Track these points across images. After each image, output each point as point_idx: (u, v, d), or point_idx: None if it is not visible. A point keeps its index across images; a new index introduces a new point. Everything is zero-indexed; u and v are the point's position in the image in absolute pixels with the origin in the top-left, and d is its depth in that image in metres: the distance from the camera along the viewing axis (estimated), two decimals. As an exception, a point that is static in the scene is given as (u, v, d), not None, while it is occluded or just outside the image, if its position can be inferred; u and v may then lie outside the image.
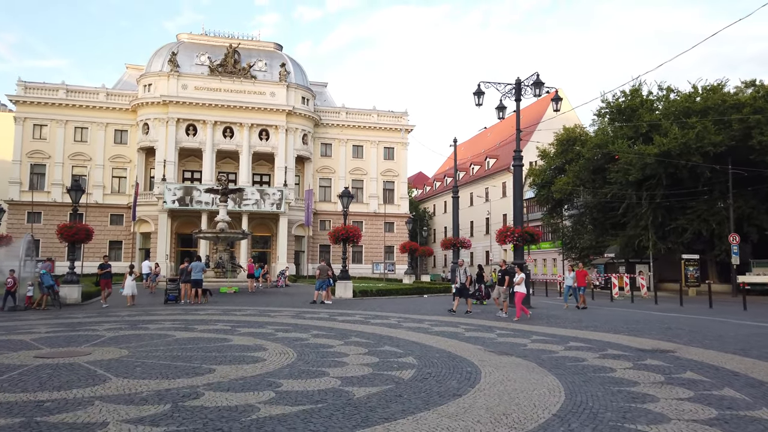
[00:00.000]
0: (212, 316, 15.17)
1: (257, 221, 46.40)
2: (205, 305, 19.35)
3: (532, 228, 20.32)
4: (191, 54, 48.00)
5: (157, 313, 16.04)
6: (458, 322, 14.63)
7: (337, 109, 52.99)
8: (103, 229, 46.39)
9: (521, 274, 16.07)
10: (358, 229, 24.10)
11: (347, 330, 12.60)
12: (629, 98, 39.09)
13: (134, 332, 11.66)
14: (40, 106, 45.99)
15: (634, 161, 35.14)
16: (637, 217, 37.82)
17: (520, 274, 16.10)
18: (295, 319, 14.91)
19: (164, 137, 45.48)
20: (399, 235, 52.35)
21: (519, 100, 20.70)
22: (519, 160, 20.58)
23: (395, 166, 53.40)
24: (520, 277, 15.95)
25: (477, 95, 20.62)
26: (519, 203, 20.29)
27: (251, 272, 27.60)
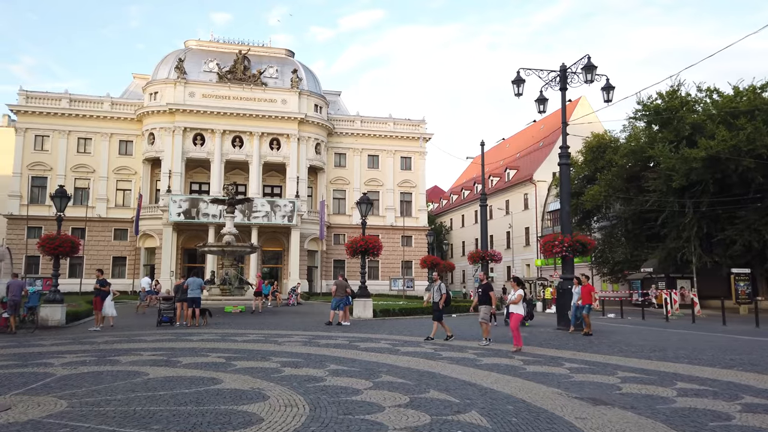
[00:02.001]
0: (206, 344, 12.42)
1: (268, 235, 43.81)
2: (202, 328, 16.63)
3: (584, 237, 17.38)
4: (199, 61, 45.91)
5: (142, 339, 13.32)
6: (504, 351, 11.76)
7: (351, 118, 50.54)
8: (106, 245, 44.12)
9: (519, 290, 12.84)
10: (378, 240, 21.35)
11: (374, 363, 9.80)
12: (667, 100, 36.13)
13: (97, 368, 8.94)
14: (42, 116, 43.99)
15: (677, 166, 32.15)
16: (680, 228, 34.69)
17: (517, 290, 12.90)
18: (307, 347, 12.13)
19: (170, 147, 43.21)
20: (417, 249, 49.47)
21: (564, 89, 17.96)
22: (566, 157, 17.79)
23: (413, 177, 50.67)
24: (517, 294, 12.67)
25: (516, 83, 17.91)
26: (567, 207, 17.45)
27: (259, 289, 24.57)
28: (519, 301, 12.59)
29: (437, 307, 14.20)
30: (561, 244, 16.73)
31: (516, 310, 12.50)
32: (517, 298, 12.61)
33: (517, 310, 12.49)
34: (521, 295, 12.75)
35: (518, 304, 12.56)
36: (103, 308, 16.43)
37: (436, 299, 14.29)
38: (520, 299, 12.61)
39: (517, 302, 12.57)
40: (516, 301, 12.61)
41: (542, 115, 18.93)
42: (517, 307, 12.51)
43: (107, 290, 16.70)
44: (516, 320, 12.46)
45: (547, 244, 17.07)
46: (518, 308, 12.51)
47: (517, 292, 12.82)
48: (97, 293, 16.79)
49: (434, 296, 14.39)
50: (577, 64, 17.47)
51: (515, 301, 12.60)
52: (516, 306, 12.55)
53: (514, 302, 12.61)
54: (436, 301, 14.27)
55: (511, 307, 12.73)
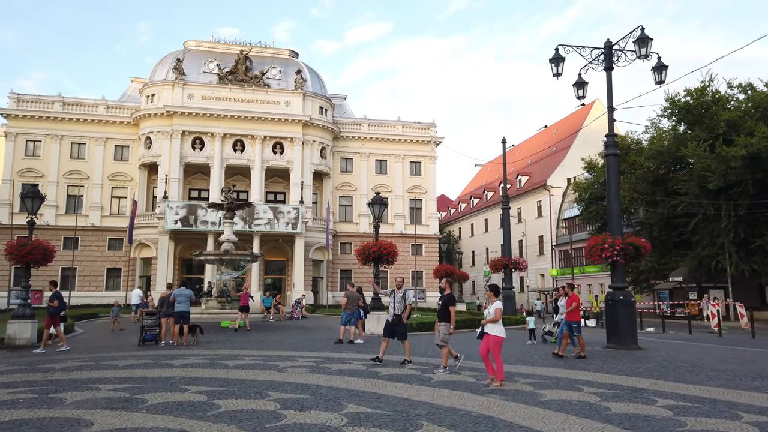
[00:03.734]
0: (189, 371, 9.95)
1: (270, 244, 41.38)
2: (191, 348, 14.15)
3: (637, 238, 14.88)
4: (199, 61, 43.78)
5: (112, 365, 10.86)
6: (550, 379, 9.24)
7: (358, 121, 48.23)
8: (100, 255, 41.78)
9: (497, 303, 9.07)
10: (393, 246, 18.87)
11: (405, 402, 7.32)
12: (696, 97, 33.64)
13: (25, 414, 6.49)
14: (34, 121, 41.86)
15: (713, 166, 29.67)
16: (713, 234, 32.13)
17: (495, 301, 9.13)
18: (315, 374, 9.64)
19: (168, 152, 40.95)
20: (428, 258, 46.95)
21: (610, 68, 15.56)
22: (614, 146, 15.32)
23: (423, 182, 48.24)
24: (495, 308, 8.94)
25: (554, 62, 15.52)
26: (616, 205, 14.95)
27: (244, 303, 20.99)
28: (499, 318, 8.93)
29: (400, 320, 11.26)
30: (612, 247, 14.22)
31: (495, 332, 8.83)
32: (497, 314, 8.87)
33: (497, 332, 8.83)
34: (500, 309, 8.97)
35: (498, 323, 8.92)
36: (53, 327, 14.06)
37: (399, 311, 11.33)
38: (500, 316, 8.93)
39: (496, 320, 8.89)
40: (495, 318, 8.88)
41: (581, 101, 16.46)
42: (496, 327, 8.86)
43: (56, 305, 14.17)
44: (497, 345, 8.79)
45: (594, 248, 14.56)
46: (497, 329, 8.86)
47: (494, 305, 9.03)
48: (50, 310, 14.25)
49: (396, 307, 11.38)
50: (626, 39, 15.06)
51: (494, 319, 8.90)
52: (494, 326, 8.88)
53: (493, 320, 8.91)
54: (399, 313, 11.30)
55: (489, 326, 8.94)
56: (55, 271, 40.65)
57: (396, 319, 11.32)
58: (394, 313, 11.36)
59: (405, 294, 11.56)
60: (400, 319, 11.31)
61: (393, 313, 11.38)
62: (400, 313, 11.34)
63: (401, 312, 11.35)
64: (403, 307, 11.38)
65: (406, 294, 11.60)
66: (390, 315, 11.50)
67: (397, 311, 11.36)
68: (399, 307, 11.39)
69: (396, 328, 11.29)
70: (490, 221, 65.70)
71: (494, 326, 8.92)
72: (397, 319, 11.32)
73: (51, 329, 14.51)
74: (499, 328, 8.93)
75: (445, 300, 10.35)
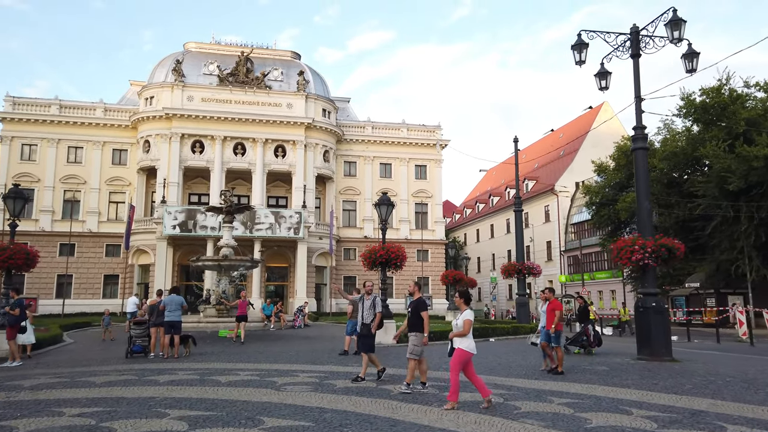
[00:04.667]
0: (174, 389, 8.71)
1: (272, 250, 40.16)
2: (183, 360, 12.92)
3: (671, 239, 13.61)
4: (198, 63, 42.75)
5: (88, 382, 9.62)
6: (616, 400, 7.98)
7: (362, 124, 47.10)
8: (97, 262, 40.63)
9: (466, 312, 7.62)
10: (402, 249, 17.63)
11: (426, 430, 6.08)
12: (713, 96, 32.37)
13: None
14: (30, 124, 40.84)
15: (733, 167, 28.41)
16: (733, 237, 30.83)
17: (464, 311, 7.68)
18: (317, 394, 8.40)
19: (167, 155, 39.86)
20: (434, 264, 45.68)
21: (638, 55, 14.35)
22: (643, 140, 14.09)
23: (428, 186, 47.02)
24: (464, 319, 7.53)
25: (577, 49, 14.33)
26: (646, 204, 13.71)
27: (242, 312, 18.89)
28: (469, 330, 7.48)
29: (368, 331, 9.93)
30: (642, 249, 12.96)
31: (463, 345, 7.41)
32: (465, 327, 7.45)
33: (465, 345, 7.42)
34: (470, 321, 7.55)
35: (468, 335, 7.48)
36: (17, 337, 12.81)
37: (368, 320, 9.97)
38: (469, 327, 7.48)
39: (465, 333, 7.45)
40: (464, 331, 7.44)
41: (600, 90, 15.24)
42: (466, 341, 7.46)
43: (17, 314, 12.88)
44: (459, 359, 7.35)
45: (623, 250, 13.29)
46: (466, 342, 7.46)
47: (463, 315, 7.59)
48: (9, 319, 12.90)
49: (364, 315, 10.02)
50: (655, 23, 13.85)
51: (462, 332, 7.46)
52: (463, 339, 7.46)
53: (461, 333, 7.48)
54: (368, 323, 9.96)
55: (456, 339, 7.52)
56: (51, 279, 39.66)
57: (364, 329, 9.98)
58: (363, 323, 10.02)
59: (375, 301, 10.22)
60: (368, 329, 9.96)
61: (361, 323, 10.05)
62: (369, 322, 10.00)
63: (370, 321, 10.01)
64: (373, 316, 10.04)
65: (376, 301, 10.24)
66: (358, 325, 10.18)
67: (366, 320, 10.02)
68: (368, 316, 10.07)
69: (363, 339, 9.96)
70: (497, 226, 64.42)
71: (464, 340, 7.54)
72: (365, 329, 9.97)
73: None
74: (467, 342, 7.52)
75: (415, 306, 8.94)
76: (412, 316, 8.92)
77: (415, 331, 8.81)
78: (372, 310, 10.11)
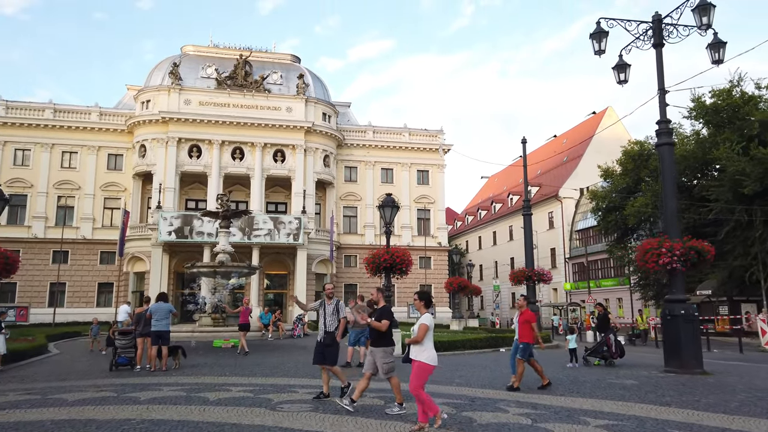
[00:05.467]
0: (153, 410, 7.66)
1: (271, 257, 39.10)
2: (171, 373, 11.84)
3: (700, 241, 12.59)
4: (196, 66, 41.88)
5: (60, 399, 8.57)
6: (661, 421, 6.94)
7: (362, 128, 46.17)
8: (91, 269, 39.54)
9: (425, 316, 6.64)
10: (408, 253, 16.62)
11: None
12: (724, 98, 31.48)
13: None
14: (23, 128, 39.86)
15: (748, 170, 27.44)
16: (747, 243, 29.80)
17: (423, 314, 6.71)
18: (317, 414, 7.34)
19: (163, 160, 38.86)
20: (437, 271, 44.61)
21: (660, 45, 13.41)
22: (669, 134, 13.11)
23: (431, 192, 46.05)
24: (420, 324, 6.53)
25: (596, 38, 13.39)
26: (673, 203, 12.72)
27: (244, 321, 17.67)
28: (424, 336, 6.43)
29: (332, 340, 8.63)
30: (670, 252, 11.94)
31: (420, 356, 6.39)
32: (419, 333, 6.41)
33: (422, 356, 6.38)
34: (427, 326, 6.48)
35: (423, 343, 6.44)
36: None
37: (331, 327, 8.71)
38: (424, 334, 6.42)
39: (418, 340, 6.42)
40: (417, 338, 6.42)
41: (623, 85, 14.27)
42: (423, 351, 6.41)
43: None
44: (420, 374, 6.36)
45: (648, 253, 12.27)
46: (424, 352, 6.41)
47: (420, 319, 6.62)
48: None
49: (327, 323, 8.72)
50: (680, 9, 12.91)
51: (416, 339, 6.44)
52: (420, 349, 6.41)
53: (415, 340, 6.47)
54: (331, 331, 8.69)
55: (413, 349, 6.48)
56: (44, 287, 38.59)
57: (327, 338, 8.66)
58: (325, 331, 8.73)
59: (337, 305, 8.92)
60: (332, 338, 8.67)
61: (323, 331, 8.75)
62: (333, 330, 8.74)
63: (334, 329, 8.75)
64: (336, 322, 8.78)
65: (339, 305, 8.95)
66: (320, 333, 8.83)
67: (329, 328, 8.74)
68: (331, 323, 8.76)
69: (326, 350, 8.59)
70: (499, 234, 63.44)
71: (420, 349, 6.41)
72: (329, 338, 8.66)
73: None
74: (427, 353, 6.37)
75: (379, 315, 7.69)
76: (379, 319, 7.67)
77: (381, 345, 7.54)
78: (335, 316, 8.81)
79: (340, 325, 8.79)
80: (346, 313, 9.18)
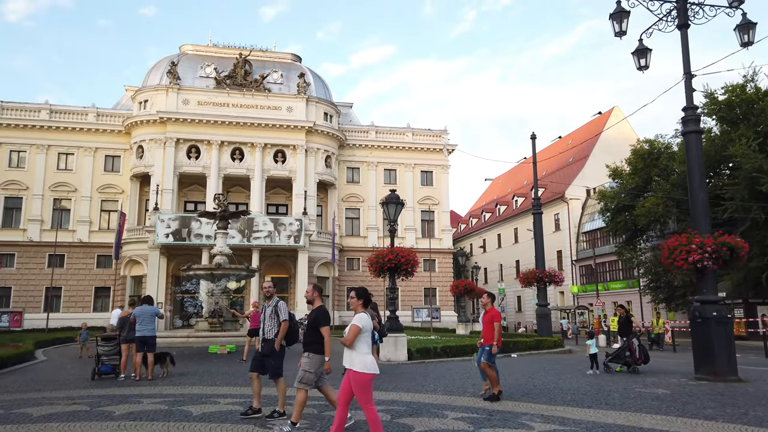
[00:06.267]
0: (125, 428, 6.67)
1: (271, 259, 38.15)
2: (156, 382, 10.86)
3: (733, 237, 11.59)
4: (195, 66, 41.04)
5: (25, 414, 7.60)
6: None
7: (365, 128, 45.25)
8: (87, 273, 38.60)
9: (359, 317, 5.52)
10: (413, 253, 15.66)
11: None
12: (737, 93, 30.47)
13: None
14: (19, 130, 39.03)
15: (765, 167, 26.42)
16: (763, 243, 28.74)
17: (359, 313, 5.62)
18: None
19: (161, 161, 37.95)
20: (442, 274, 43.58)
21: (685, 26, 12.44)
22: (696, 122, 12.13)
23: (435, 193, 45.06)
24: (352, 327, 5.46)
25: (617, 18, 12.43)
26: (703, 195, 11.73)
27: (255, 325, 16.70)
28: (352, 339, 5.40)
29: (271, 348, 7.32)
30: (700, 248, 10.94)
31: (356, 365, 5.37)
32: (349, 334, 5.43)
33: (358, 365, 5.36)
34: (359, 328, 5.43)
35: (354, 346, 5.41)
36: None
37: (270, 334, 7.37)
38: (354, 336, 5.40)
39: (348, 342, 5.41)
40: (346, 340, 5.42)
41: (643, 71, 13.29)
42: (358, 357, 5.40)
43: None
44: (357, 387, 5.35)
45: (676, 250, 11.26)
46: (360, 359, 5.39)
47: (353, 320, 5.55)
48: None
49: (266, 328, 7.44)
50: (707, -16, 11.94)
51: (348, 340, 5.41)
52: (356, 355, 5.41)
53: (347, 341, 5.42)
54: (270, 337, 7.37)
55: (345, 355, 5.49)
56: (39, 291, 37.66)
57: (265, 346, 7.38)
58: (264, 337, 7.44)
59: (277, 306, 7.51)
60: (271, 346, 7.33)
61: (262, 338, 7.48)
62: (272, 336, 7.38)
63: (273, 335, 7.38)
64: (276, 327, 7.40)
65: (279, 306, 7.52)
66: (259, 340, 7.59)
67: (267, 335, 7.40)
68: (269, 328, 7.40)
69: (266, 360, 7.36)
70: (504, 236, 62.42)
71: (356, 355, 5.37)
72: (267, 346, 7.36)
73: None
74: (359, 359, 5.34)
75: (314, 318, 6.52)
76: (309, 330, 6.53)
77: (310, 351, 6.42)
78: (274, 320, 7.41)
79: (280, 330, 7.35)
80: None
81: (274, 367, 7.38)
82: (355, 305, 5.71)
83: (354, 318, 5.55)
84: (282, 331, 7.37)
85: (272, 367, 7.38)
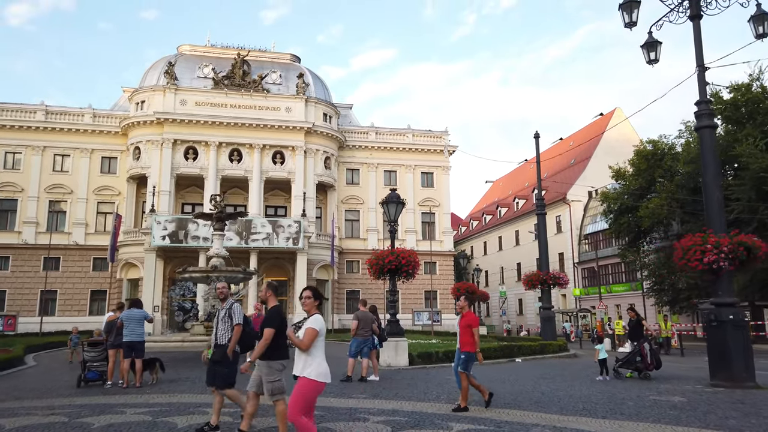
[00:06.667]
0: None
1: (270, 262, 37.59)
2: (144, 390, 10.32)
3: (751, 236, 11.07)
4: (193, 66, 40.57)
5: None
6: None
7: (365, 129, 44.76)
8: (83, 277, 38.05)
9: (311, 319, 5.09)
10: (414, 254, 15.17)
11: None
12: (743, 92, 29.99)
13: None
14: (14, 131, 38.53)
15: (774, 166, 25.93)
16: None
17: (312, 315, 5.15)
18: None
19: (158, 162, 37.44)
20: (443, 276, 43.05)
21: (698, 16, 11.94)
22: (709, 117, 11.62)
23: (436, 195, 44.53)
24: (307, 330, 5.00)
25: (627, 9, 11.93)
26: (717, 194, 11.23)
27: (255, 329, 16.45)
28: (308, 343, 4.97)
29: (223, 355, 6.67)
30: (716, 248, 10.41)
31: (311, 372, 4.98)
32: (306, 338, 4.98)
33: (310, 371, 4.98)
34: (316, 331, 5.04)
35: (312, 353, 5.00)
36: None
37: (223, 339, 6.75)
38: (311, 340, 4.98)
39: (304, 346, 4.97)
40: (302, 343, 4.98)
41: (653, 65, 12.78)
42: (312, 363, 5.01)
43: None
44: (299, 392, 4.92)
45: (691, 250, 10.74)
46: (314, 365, 5.02)
47: (308, 322, 5.11)
48: None
49: (218, 333, 6.82)
50: (722, -27, 11.44)
51: (304, 344, 4.97)
52: (307, 359, 5.00)
53: (304, 345, 4.97)
54: (222, 343, 6.74)
55: (298, 361, 5.08)
56: (34, 295, 37.12)
57: (217, 352, 6.74)
58: (216, 343, 6.82)
59: (231, 309, 6.88)
60: (223, 352, 6.70)
61: (214, 343, 6.86)
62: (225, 342, 6.74)
63: (227, 340, 6.74)
64: (229, 332, 6.77)
65: (233, 309, 6.89)
66: (212, 346, 6.94)
67: (220, 340, 6.77)
68: (222, 333, 6.77)
69: (217, 367, 6.71)
70: (505, 239, 61.87)
71: (311, 361, 4.93)
72: (219, 352, 6.72)
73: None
74: (315, 365, 4.92)
75: (267, 318, 5.86)
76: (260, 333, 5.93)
77: (266, 357, 5.80)
78: (227, 324, 6.76)
79: (234, 335, 6.72)
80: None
81: (224, 376, 6.69)
82: (310, 306, 5.20)
83: (309, 320, 5.03)
84: (235, 336, 6.72)
85: (222, 375, 6.68)
